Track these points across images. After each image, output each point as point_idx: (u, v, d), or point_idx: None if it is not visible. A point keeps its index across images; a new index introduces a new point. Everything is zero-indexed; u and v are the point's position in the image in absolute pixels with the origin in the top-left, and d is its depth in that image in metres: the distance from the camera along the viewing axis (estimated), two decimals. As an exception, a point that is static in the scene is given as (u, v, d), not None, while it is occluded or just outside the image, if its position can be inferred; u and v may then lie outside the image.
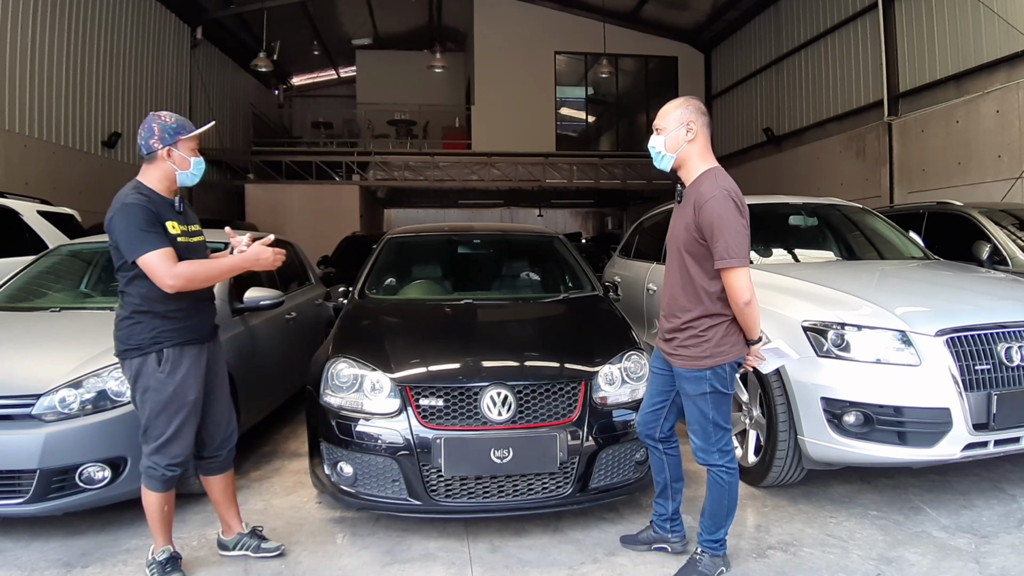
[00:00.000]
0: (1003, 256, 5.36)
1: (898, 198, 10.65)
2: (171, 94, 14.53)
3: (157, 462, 2.73)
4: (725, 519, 2.83)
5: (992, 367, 3.28)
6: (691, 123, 2.74)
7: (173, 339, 2.74)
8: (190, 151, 2.83)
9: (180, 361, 2.75)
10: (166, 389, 2.71)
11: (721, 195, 2.61)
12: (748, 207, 2.75)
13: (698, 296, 2.72)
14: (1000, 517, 3.43)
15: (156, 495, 2.77)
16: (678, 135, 2.75)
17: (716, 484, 2.79)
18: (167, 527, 2.85)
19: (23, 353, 3.43)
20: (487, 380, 3.18)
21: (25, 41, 9.75)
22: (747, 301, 2.61)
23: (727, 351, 2.71)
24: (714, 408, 2.74)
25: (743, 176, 16.01)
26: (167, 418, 2.73)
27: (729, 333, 2.71)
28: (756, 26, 15.56)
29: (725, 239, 2.57)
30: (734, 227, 2.59)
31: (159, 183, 2.80)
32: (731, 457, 2.80)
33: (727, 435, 2.78)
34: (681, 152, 2.77)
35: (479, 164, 17.62)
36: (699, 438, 2.79)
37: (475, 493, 3.10)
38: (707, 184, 2.68)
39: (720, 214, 2.59)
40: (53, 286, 4.54)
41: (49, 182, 10.04)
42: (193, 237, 2.88)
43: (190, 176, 2.85)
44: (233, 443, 3.06)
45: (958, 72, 9.64)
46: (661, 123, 2.81)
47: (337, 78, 25.17)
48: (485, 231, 5.77)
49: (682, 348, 2.76)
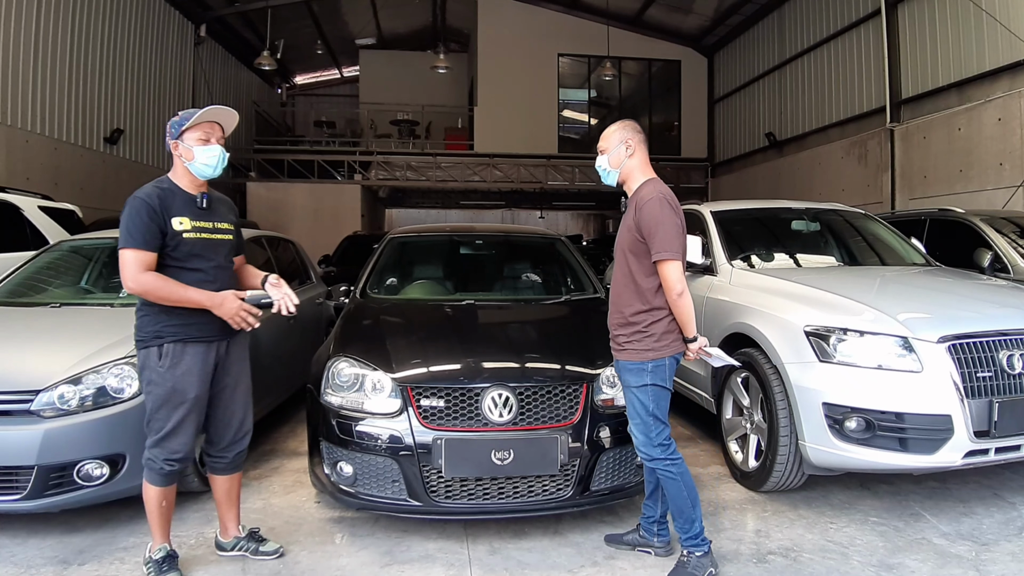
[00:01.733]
0: (1004, 263, 5.36)
1: (899, 204, 10.65)
2: (174, 91, 14.53)
3: (156, 455, 2.74)
4: (692, 511, 2.88)
5: (993, 374, 3.28)
6: (629, 140, 2.99)
7: (175, 335, 2.72)
8: (196, 140, 2.77)
9: (181, 358, 2.73)
10: (165, 384, 2.72)
11: (657, 198, 2.87)
12: (751, 212, 2.81)
13: (639, 291, 2.91)
14: (1000, 525, 3.43)
15: (155, 489, 2.77)
16: (619, 152, 3.00)
17: (668, 479, 2.89)
18: (165, 524, 2.83)
19: (22, 349, 3.42)
20: (488, 381, 3.17)
21: (28, 36, 9.74)
22: (679, 292, 2.83)
23: (667, 346, 2.89)
24: (654, 401, 2.88)
25: (745, 181, 16.15)
26: (167, 412, 2.72)
27: (669, 330, 2.90)
28: (759, 31, 15.57)
29: (660, 235, 2.81)
30: (668, 225, 2.83)
31: (180, 178, 2.83)
32: (672, 449, 2.91)
33: (666, 429, 2.92)
34: (624, 167, 3.02)
35: (481, 165, 17.61)
36: (640, 432, 2.92)
37: (475, 494, 3.09)
38: (646, 190, 2.94)
39: (656, 213, 2.83)
40: (53, 282, 4.54)
41: (51, 177, 10.03)
42: (214, 234, 2.83)
43: (200, 166, 2.79)
44: (241, 448, 3.03)
45: (960, 79, 9.65)
46: (604, 144, 3.07)
47: (340, 77, 25.19)
48: (487, 232, 5.76)
49: (628, 344, 2.93)
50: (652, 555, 3.09)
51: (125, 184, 12.19)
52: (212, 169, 2.81)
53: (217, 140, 2.82)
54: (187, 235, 2.74)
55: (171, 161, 2.88)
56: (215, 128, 2.82)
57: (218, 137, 2.83)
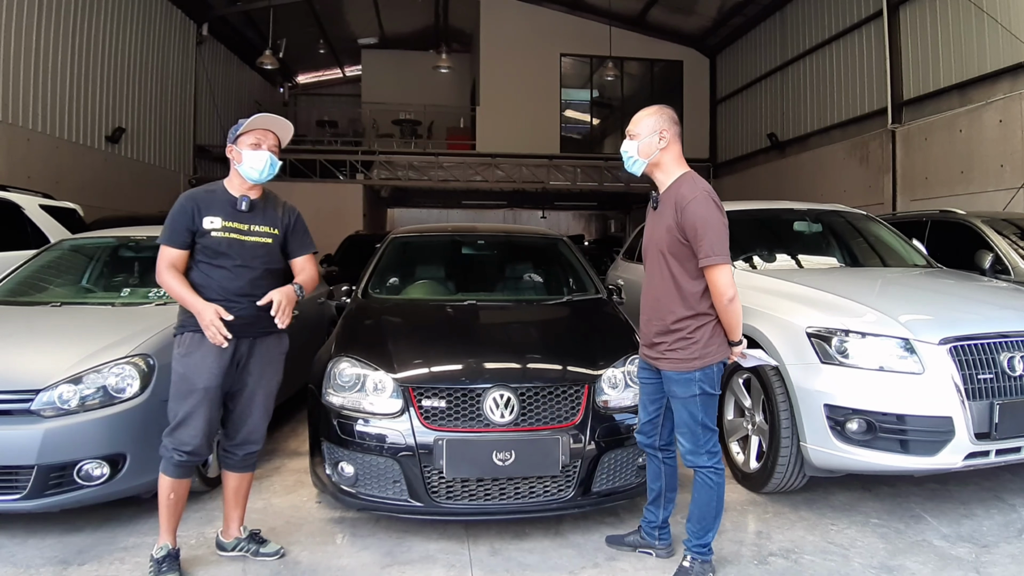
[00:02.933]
0: (1005, 265, 5.35)
1: (901, 206, 10.64)
2: (176, 90, 14.55)
3: (167, 444, 2.81)
4: (713, 522, 2.84)
5: (995, 376, 3.28)
6: (664, 131, 2.82)
7: (195, 326, 2.80)
8: (247, 145, 2.88)
9: (196, 348, 2.80)
10: (178, 370, 2.83)
11: (702, 196, 2.70)
12: (753, 212, 2.78)
13: (683, 297, 2.76)
14: (1000, 527, 3.42)
15: (166, 479, 2.82)
16: (651, 142, 2.83)
17: (705, 486, 2.82)
18: (171, 520, 2.85)
19: (23, 348, 3.42)
20: (490, 382, 3.17)
21: (30, 35, 9.75)
22: (731, 298, 2.68)
23: (714, 352, 2.76)
24: (703, 410, 2.78)
25: (746, 181, 16.14)
26: (178, 400, 2.81)
27: (715, 334, 2.77)
28: (761, 32, 15.56)
29: (709, 238, 2.65)
30: (716, 226, 2.67)
31: (231, 180, 2.96)
32: (719, 458, 2.83)
33: (715, 436, 2.83)
34: (653, 158, 2.84)
35: (483, 165, 17.61)
36: (688, 440, 2.82)
37: (476, 495, 3.09)
38: (687, 187, 2.75)
39: (703, 214, 2.66)
40: (54, 281, 4.54)
41: (52, 176, 10.02)
42: (246, 236, 2.89)
43: (247, 170, 2.89)
44: (251, 450, 3.03)
45: (962, 81, 9.64)
46: (634, 129, 2.88)
47: (342, 77, 25.17)
48: (489, 232, 5.76)
49: (670, 352, 2.80)
50: (653, 556, 3.09)
51: (126, 183, 12.26)
52: (259, 173, 2.89)
53: (269, 147, 2.91)
54: (215, 234, 2.84)
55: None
56: (268, 135, 2.93)
57: (271, 145, 2.92)
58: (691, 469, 2.88)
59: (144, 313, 3.87)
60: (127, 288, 4.45)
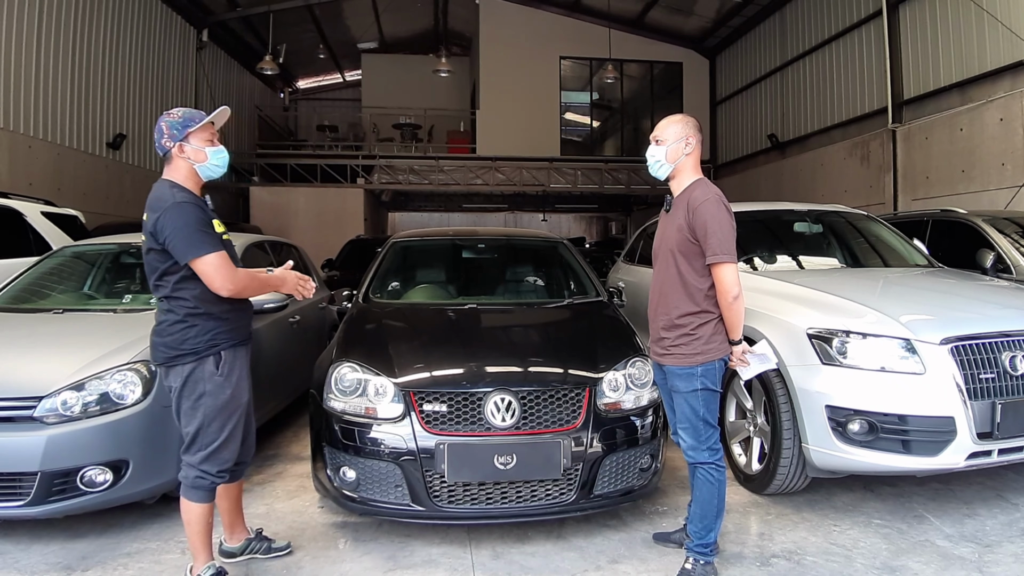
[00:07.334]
0: (1007, 264, 5.34)
1: (902, 205, 10.64)
2: (177, 96, 14.56)
3: (207, 470, 2.64)
4: (715, 520, 2.87)
5: (996, 376, 3.28)
6: (690, 138, 2.93)
7: (229, 340, 2.68)
8: (204, 141, 2.68)
9: (235, 363, 2.71)
10: (224, 392, 2.64)
11: (714, 198, 2.82)
12: (753, 214, 2.81)
13: (688, 294, 2.86)
14: (1003, 526, 3.42)
15: (201, 507, 2.65)
16: (678, 148, 2.93)
17: (705, 482, 2.86)
18: (209, 540, 2.72)
19: (25, 355, 3.42)
20: (491, 386, 3.18)
21: (30, 42, 9.78)
22: (735, 295, 2.77)
23: (716, 348, 2.84)
24: (704, 405, 2.85)
25: (747, 182, 16.14)
26: (221, 423, 2.65)
27: (717, 332, 2.86)
28: (761, 32, 15.57)
29: (717, 237, 2.76)
30: (725, 226, 2.79)
31: (186, 182, 2.67)
32: (720, 455, 2.88)
33: (716, 432, 2.89)
34: (679, 163, 2.95)
35: (484, 168, 17.62)
36: (689, 436, 2.88)
37: (478, 499, 3.09)
38: (700, 190, 2.87)
39: (713, 213, 2.78)
40: (56, 288, 4.55)
41: (53, 183, 10.06)
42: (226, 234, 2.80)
43: (211, 168, 2.70)
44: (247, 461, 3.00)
45: (962, 80, 9.64)
46: (662, 135, 2.97)
47: (342, 81, 25.20)
48: (490, 235, 5.76)
49: (674, 347, 2.88)
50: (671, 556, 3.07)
51: (128, 190, 12.28)
52: (222, 170, 2.75)
53: (218, 140, 2.76)
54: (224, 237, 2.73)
55: None
56: (212, 128, 2.74)
57: (219, 137, 2.77)
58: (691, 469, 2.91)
59: (146, 319, 3.83)
60: (129, 295, 4.46)
